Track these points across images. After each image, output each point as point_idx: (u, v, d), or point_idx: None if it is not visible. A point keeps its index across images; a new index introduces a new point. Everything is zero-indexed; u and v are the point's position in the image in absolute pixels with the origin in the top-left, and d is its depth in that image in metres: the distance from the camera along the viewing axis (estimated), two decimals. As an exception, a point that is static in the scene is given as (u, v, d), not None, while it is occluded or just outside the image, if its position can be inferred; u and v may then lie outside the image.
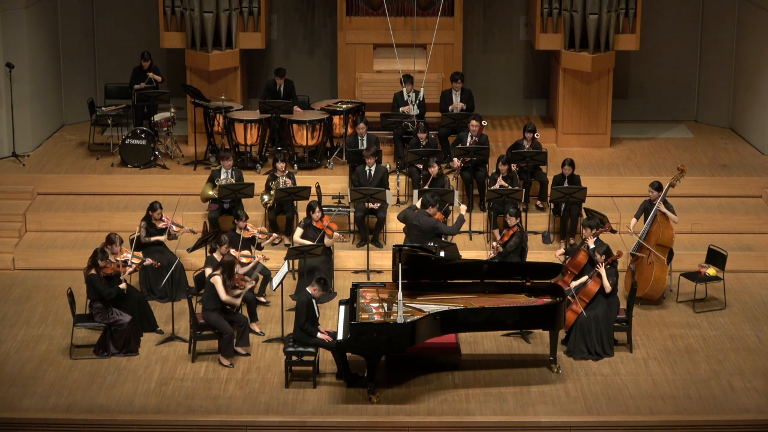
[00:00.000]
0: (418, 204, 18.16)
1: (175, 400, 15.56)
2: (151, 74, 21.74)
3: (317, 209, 18.28)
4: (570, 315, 16.61)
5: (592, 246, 17.04)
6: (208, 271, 16.83)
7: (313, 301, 15.90)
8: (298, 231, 18.38)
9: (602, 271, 16.49)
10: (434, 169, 19.33)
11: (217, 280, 16.33)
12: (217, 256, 17.06)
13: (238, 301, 16.62)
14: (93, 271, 16.53)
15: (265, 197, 19.42)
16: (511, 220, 17.81)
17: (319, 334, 15.90)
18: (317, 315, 15.98)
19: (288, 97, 21.61)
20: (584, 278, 16.81)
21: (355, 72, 22.45)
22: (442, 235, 18.03)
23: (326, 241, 18.15)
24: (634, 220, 18.51)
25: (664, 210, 18.05)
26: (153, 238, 18.15)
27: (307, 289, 15.97)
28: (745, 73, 22.87)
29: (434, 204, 18.01)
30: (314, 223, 18.27)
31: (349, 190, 19.32)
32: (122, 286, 16.68)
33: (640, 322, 17.51)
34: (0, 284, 18.83)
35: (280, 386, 15.86)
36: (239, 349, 16.57)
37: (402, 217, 18.22)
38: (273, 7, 23.27)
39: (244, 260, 17.49)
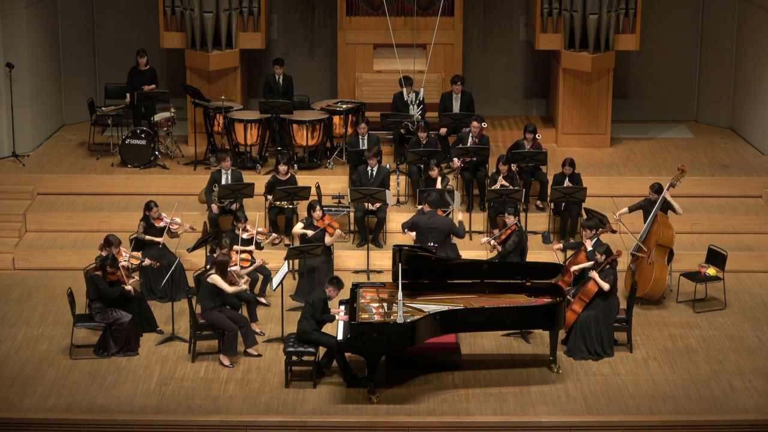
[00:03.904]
0: (425, 207, 18.09)
1: (175, 400, 15.56)
2: (146, 88, 21.63)
3: (318, 208, 18.26)
4: (570, 315, 16.61)
5: (590, 248, 17.05)
6: (243, 272, 17.19)
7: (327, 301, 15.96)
8: (299, 224, 18.36)
9: (595, 275, 16.49)
10: (434, 172, 19.33)
11: (216, 278, 16.33)
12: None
13: (244, 286, 16.64)
14: (98, 273, 16.50)
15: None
16: (510, 219, 17.82)
17: (338, 316, 15.94)
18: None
19: (287, 90, 21.63)
20: (585, 263, 16.84)
21: (355, 72, 22.45)
22: (454, 236, 18.01)
23: (326, 239, 18.13)
24: (625, 209, 18.54)
25: (671, 199, 18.10)
26: (148, 237, 18.12)
27: (326, 291, 15.94)
28: (745, 73, 22.87)
29: (447, 203, 17.95)
30: (315, 222, 18.25)
31: (349, 190, 19.32)
32: (129, 288, 16.66)
33: (640, 322, 17.51)
34: (0, 284, 18.83)
35: (280, 386, 15.86)
36: (250, 350, 16.55)
37: (410, 225, 18.03)
38: (273, 7, 23.27)
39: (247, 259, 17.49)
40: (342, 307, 16.19)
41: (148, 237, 18.10)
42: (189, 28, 21.70)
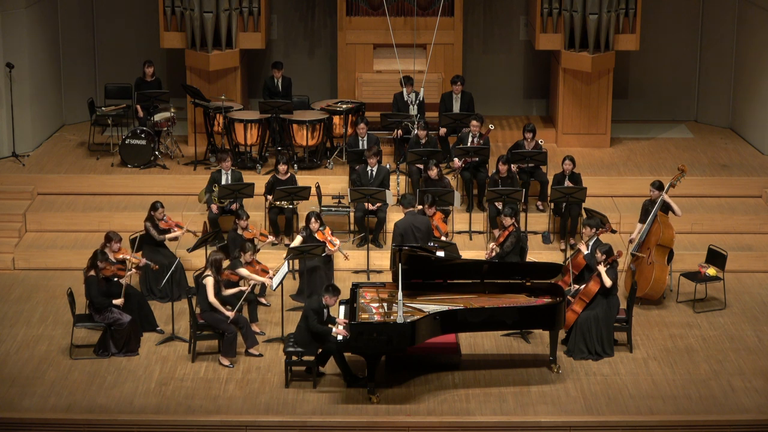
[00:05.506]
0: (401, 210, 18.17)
1: (175, 400, 15.56)
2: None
3: (313, 219, 17.97)
4: (570, 315, 16.61)
5: (586, 252, 17.02)
6: (244, 272, 16.94)
7: (325, 309, 15.86)
8: (298, 239, 18.16)
9: (601, 269, 16.47)
10: (433, 172, 19.32)
11: (209, 282, 16.31)
12: (242, 260, 17.07)
13: (227, 313, 16.43)
14: (92, 273, 16.51)
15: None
16: (506, 221, 17.81)
17: (334, 330, 15.75)
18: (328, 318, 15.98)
19: (287, 92, 21.63)
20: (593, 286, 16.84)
21: (355, 72, 22.45)
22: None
23: (326, 249, 17.95)
24: (639, 225, 18.42)
25: (670, 201, 18.09)
26: (160, 237, 18.11)
27: (323, 300, 15.79)
28: (745, 73, 22.88)
29: (417, 203, 18.00)
30: (314, 234, 18.06)
31: (349, 190, 19.31)
32: (118, 302, 16.54)
33: (640, 322, 17.51)
34: (0, 284, 18.84)
35: (280, 386, 15.86)
36: (252, 351, 16.56)
37: (399, 241, 17.88)
38: (273, 7, 23.28)
39: (266, 270, 17.37)
40: (341, 327, 15.91)
41: (161, 237, 18.07)
42: (189, 28, 21.70)
